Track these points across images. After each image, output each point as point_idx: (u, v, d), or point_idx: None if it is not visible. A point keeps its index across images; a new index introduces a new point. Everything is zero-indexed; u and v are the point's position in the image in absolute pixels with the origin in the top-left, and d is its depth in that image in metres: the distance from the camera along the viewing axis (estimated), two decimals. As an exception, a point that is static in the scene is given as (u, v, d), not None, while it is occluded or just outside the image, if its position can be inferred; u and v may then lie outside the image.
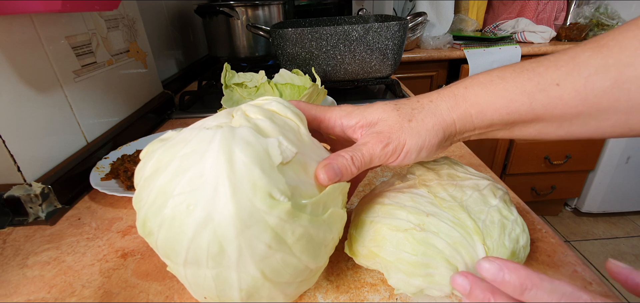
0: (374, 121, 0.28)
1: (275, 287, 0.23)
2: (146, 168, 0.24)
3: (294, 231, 0.22)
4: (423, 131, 0.27)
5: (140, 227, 0.23)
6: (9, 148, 0.40)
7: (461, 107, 0.27)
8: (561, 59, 0.24)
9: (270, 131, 0.24)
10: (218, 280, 0.22)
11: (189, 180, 0.21)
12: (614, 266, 0.22)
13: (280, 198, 0.21)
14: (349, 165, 0.26)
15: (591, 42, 0.24)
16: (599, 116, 0.24)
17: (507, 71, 0.26)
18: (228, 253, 0.21)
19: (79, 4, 0.42)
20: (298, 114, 0.27)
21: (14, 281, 0.33)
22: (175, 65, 0.99)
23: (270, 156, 0.22)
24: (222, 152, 0.21)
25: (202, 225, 0.20)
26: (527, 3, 1.42)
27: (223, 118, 0.25)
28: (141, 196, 0.23)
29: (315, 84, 0.57)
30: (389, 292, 0.29)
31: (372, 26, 0.70)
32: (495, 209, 0.28)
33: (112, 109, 0.59)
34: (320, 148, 0.28)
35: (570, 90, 0.24)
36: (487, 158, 1.49)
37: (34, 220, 0.41)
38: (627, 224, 1.63)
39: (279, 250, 0.22)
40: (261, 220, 0.20)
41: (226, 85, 0.61)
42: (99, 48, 0.56)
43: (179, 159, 0.22)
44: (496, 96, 0.26)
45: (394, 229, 0.28)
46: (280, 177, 0.21)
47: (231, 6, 0.95)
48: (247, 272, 0.22)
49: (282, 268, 0.23)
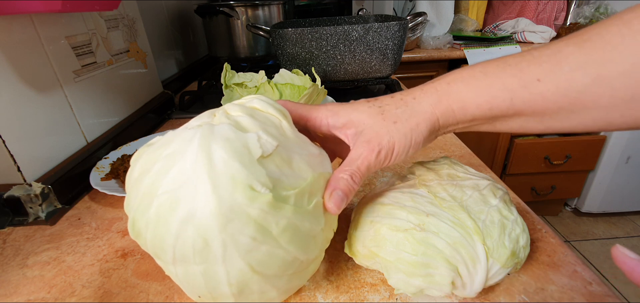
0: (360, 124, 0.29)
1: (265, 280, 0.24)
2: (134, 172, 0.24)
3: (278, 222, 0.22)
4: (409, 131, 0.27)
5: (131, 229, 0.24)
6: (9, 148, 0.40)
7: (444, 104, 0.28)
8: (544, 54, 0.25)
9: (250, 127, 0.24)
10: (206, 276, 0.22)
11: (172, 179, 0.21)
12: (621, 254, 0.21)
13: (261, 190, 0.21)
14: (351, 184, 0.26)
15: (575, 36, 0.24)
16: (580, 111, 0.24)
17: (490, 66, 0.27)
18: (213, 248, 0.21)
19: (79, 4, 0.42)
20: (280, 110, 0.28)
21: (14, 281, 0.33)
22: (175, 65, 0.99)
23: (249, 150, 0.22)
24: (201, 149, 0.21)
25: (185, 221, 0.21)
26: (527, 3, 1.42)
27: (205, 117, 0.26)
28: (130, 198, 0.24)
29: (315, 84, 0.57)
30: (389, 292, 0.29)
31: (372, 26, 0.70)
32: (495, 209, 0.28)
33: (112, 109, 0.59)
34: (306, 143, 0.28)
35: (552, 86, 0.24)
36: (487, 158, 1.49)
37: (34, 220, 0.41)
38: (627, 224, 1.63)
39: (264, 242, 0.22)
40: (243, 213, 0.21)
41: (226, 85, 0.61)
42: (99, 48, 0.56)
43: (162, 160, 0.22)
44: (478, 92, 0.26)
45: (394, 229, 0.28)
46: (260, 169, 0.22)
47: (231, 6, 0.95)
48: (234, 266, 0.22)
49: (269, 260, 0.23)
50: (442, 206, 0.28)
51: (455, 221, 0.27)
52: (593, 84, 0.23)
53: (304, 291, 0.30)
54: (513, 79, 0.25)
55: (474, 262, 0.26)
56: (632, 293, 1.25)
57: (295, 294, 0.29)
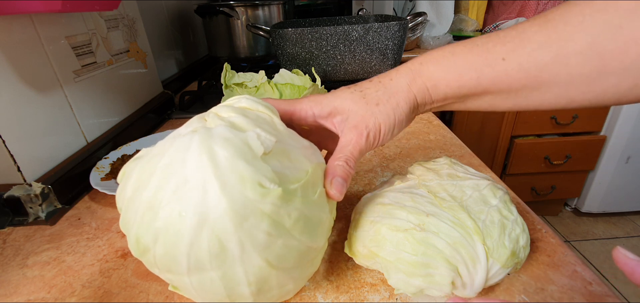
0: (344, 111, 0.30)
1: (283, 273, 0.24)
2: (127, 189, 0.23)
3: (290, 214, 0.22)
4: (391, 111, 0.29)
5: (134, 247, 0.23)
6: (9, 148, 0.40)
7: (418, 82, 0.29)
8: (509, 35, 0.26)
9: (245, 126, 0.24)
10: (225, 279, 0.22)
11: (175, 189, 0.21)
12: (621, 256, 0.21)
13: (270, 186, 0.21)
14: (348, 169, 0.27)
15: (540, 17, 0.25)
16: (541, 88, 0.25)
17: (459, 47, 0.28)
18: (230, 249, 0.21)
19: (79, 4, 0.42)
20: (269, 107, 0.28)
21: (14, 281, 0.33)
22: (175, 65, 0.99)
23: (251, 148, 0.22)
24: (203, 152, 0.21)
25: (198, 227, 0.20)
26: (527, 3, 1.42)
27: (196, 122, 0.25)
28: (128, 217, 0.23)
29: (315, 84, 0.57)
30: (389, 292, 0.29)
31: (372, 26, 0.70)
32: (495, 209, 0.28)
33: (112, 109, 0.59)
34: (297, 136, 0.28)
35: (515, 64, 0.25)
36: (487, 158, 1.49)
37: (34, 220, 0.41)
38: (627, 224, 1.63)
39: (280, 236, 0.22)
40: (256, 209, 0.21)
41: (226, 85, 0.61)
42: (99, 48, 0.56)
43: (159, 171, 0.22)
44: (447, 71, 0.28)
45: (394, 229, 0.28)
46: (265, 166, 0.22)
47: (231, 6, 0.94)
48: (252, 264, 0.22)
49: (286, 252, 0.23)
50: (442, 206, 0.28)
51: (455, 221, 0.27)
52: (552, 62, 0.24)
53: (304, 291, 0.30)
54: (479, 58, 0.27)
55: (474, 262, 0.26)
56: (632, 293, 1.25)
57: (295, 294, 0.29)
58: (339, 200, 0.27)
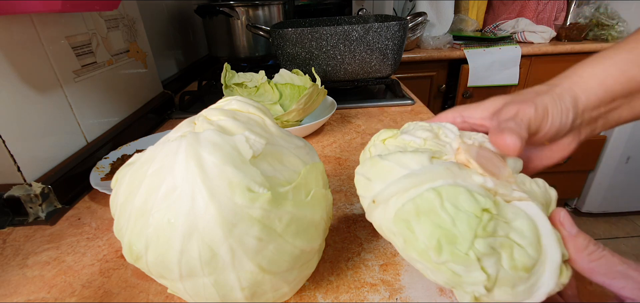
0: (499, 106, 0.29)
1: (276, 277, 0.23)
2: (119, 195, 0.23)
3: (280, 218, 0.22)
4: (556, 97, 0.27)
5: (128, 254, 0.23)
6: (9, 148, 0.40)
7: (579, 81, 0.28)
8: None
9: (235, 129, 0.24)
10: (218, 285, 0.22)
11: (164, 195, 0.20)
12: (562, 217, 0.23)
13: (259, 190, 0.21)
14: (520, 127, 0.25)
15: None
16: None
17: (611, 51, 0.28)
18: (221, 256, 0.20)
19: (79, 4, 0.42)
20: (261, 108, 0.27)
21: (14, 281, 0.33)
22: (175, 65, 0.99)
23: (240, 152, 0.22)
24: (191, 158, 0.21)
25: (188, 235, 0.20)
26: (527, 3, 1.42)
27: (185, 127, 0.25)
28: (120, 223, 0.23)
29: (315, 84, 0.57)
30: (389, 292, 0.29)
31: (372, 26, 0.70)
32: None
33: (112, 109, 0.59)
34: (291, 136, 0.28)
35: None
36: (487, 158, 1.48)
37: (34, 220, 0.41)
38: (627, 224, 1.63)
39: (271, 241, 0.22)
40: (246, 215, 0.20)
41: (226, 85, 0.61)
42: (99, 48, 0.56)
43: (149, 178, 0.21)
44: (609, 68, 0.27)
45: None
46: (254, 170, 0.21)
47: (231, 6, 0.95)
48: (244, 270, 0.21)
49: (278, 257, 0.22)
50: None
51: None
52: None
53: (304, 291, 0.30)
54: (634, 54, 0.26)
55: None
56: (632, 293, 1.25)
57: (295, 294, 0.29)
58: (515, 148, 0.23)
